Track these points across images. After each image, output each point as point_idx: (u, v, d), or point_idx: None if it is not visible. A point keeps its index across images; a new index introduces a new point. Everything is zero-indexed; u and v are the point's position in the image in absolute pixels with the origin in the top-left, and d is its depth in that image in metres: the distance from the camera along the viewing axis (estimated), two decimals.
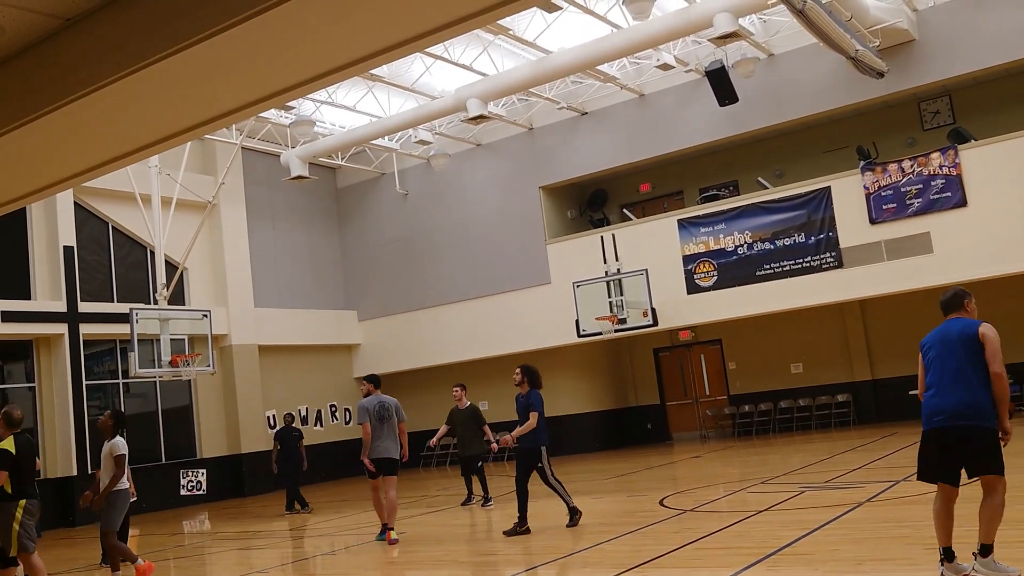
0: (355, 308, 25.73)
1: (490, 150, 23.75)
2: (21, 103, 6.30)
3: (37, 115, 6.22)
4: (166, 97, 6.16)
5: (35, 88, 6.20)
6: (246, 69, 5.77)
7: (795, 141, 21.55)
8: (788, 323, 21.62)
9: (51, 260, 19.29)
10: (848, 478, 11.65)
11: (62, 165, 7.79)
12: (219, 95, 6.25)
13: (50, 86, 6.04)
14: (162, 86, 5.81)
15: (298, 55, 5.58)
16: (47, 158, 7.56)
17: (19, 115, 6.34)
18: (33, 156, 7.39)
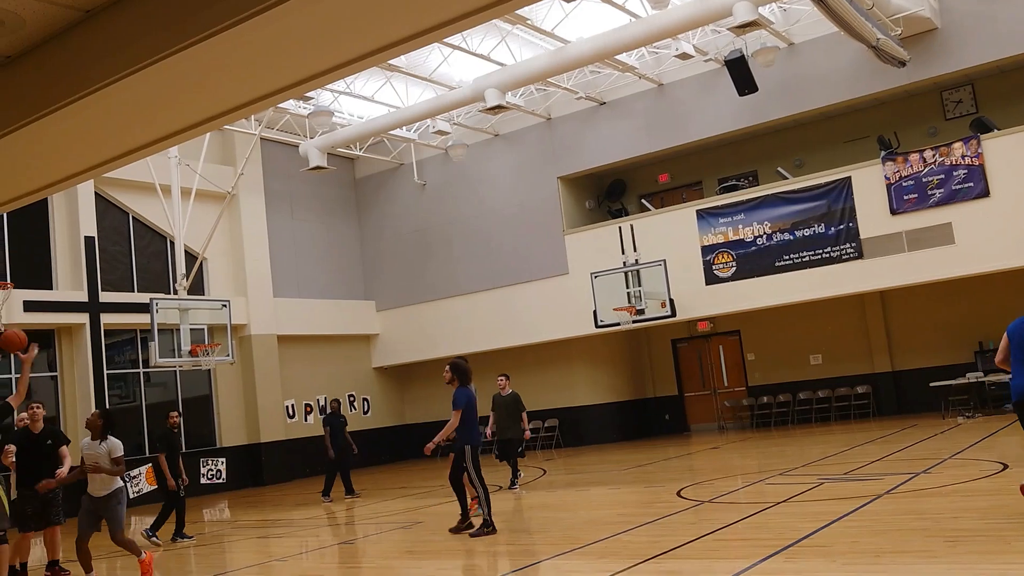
0: (373, 298, 25.80)
1: (508, 140, 23.73)
2: (43, 94, 6.35)
3: (58, 106, 6.27)
4: (186, 88, 6.19)
5: (56, 79, 6.24)
6: (265, 60, 5.78)
7: (815, 131, 21.40)
8: (807, 314, 21.50)
9: (72, 250, 19.44)
10: (867, 470, 11.59)
11: (83, 156, 7.83)
12: (238, 86, 6.27)
13: (70, 77, 6.08)
14: (182, 77, 5.83)
15: (316, 46, 5.58)
16: (68, 149, 7.60)
17: (41, 106, 6.38)
18: (54, 147, 7.44)
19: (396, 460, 25.35)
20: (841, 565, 6.46)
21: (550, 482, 15.33)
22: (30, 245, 19.02)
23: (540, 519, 11.06)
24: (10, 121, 6.67)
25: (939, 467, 11.07)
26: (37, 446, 9.53)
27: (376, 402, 25.75)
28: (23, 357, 9.11)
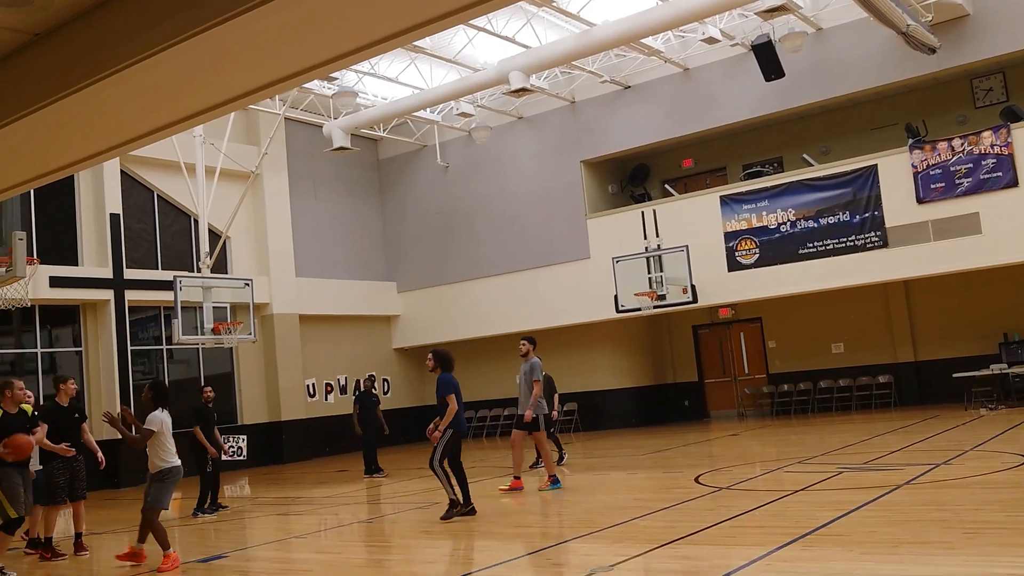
0: (395, 279, 25.88)
1: (531, 123, 23.66)
2: (69, 73, 6.38)
3: (85, 84, 6.30)
4: (210, 67, 6.20)
5: (83, 58, 6.27)
6: (289, 40, 5.78)
7: (842, 118, 21.20)
8: (830, 302, 21.37)
9: (98, 227, 19.61)
10: (887, 460, 11.54)
11: (109, 134, 7.87)
12: (262, 66, 6.28)
13: (97, 56, 6.10)
14: (207, 56, 5.84)
15: (341, 26, 5.58)
16: (94, 127, 7.64)
17: (68, 84, 6.42)
18: (81, 124, 7.48)
19: (415, 441, 25.47)
20: (859, 555, 6.44)
21: (568, 466, 15.35)
22: (56, 222, 19.20)
23: (557, 502, 11.08)
24: (38, 99, 6.71)
25: (960, 459, 11.00)
26: (67, 419, 9.82)
27: (396, 383, 25.87)
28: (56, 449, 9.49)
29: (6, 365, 18.54)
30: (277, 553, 9.19)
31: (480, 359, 25.17)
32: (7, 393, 8.80)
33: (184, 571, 8.62)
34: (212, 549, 9.71)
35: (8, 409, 8.71)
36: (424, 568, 7.75)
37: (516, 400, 12.52)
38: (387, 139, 25.23)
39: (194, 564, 8.88)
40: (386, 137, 24.87)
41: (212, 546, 9.97)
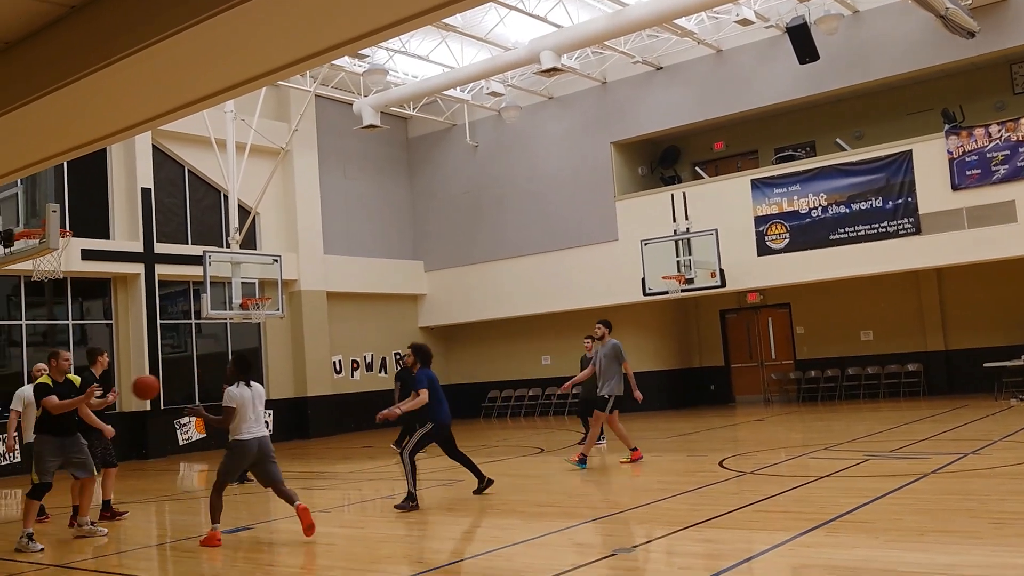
0: (422, 259, 25.92)
1: (562, 103, 23.54)
2: (103, 45, 6.41)
3: (118, 57, 6.33)
4: (242, 42, 6.20)
5: (116, 31, 6.30)
6: (321, 15, 5.77)
7: (877, 102, 20.91)
8: (860, 289, 21.16)
9: (129, 201, 19.78)
10: (914, 448, 11.43)
11: (140, 107, 7.91)
12: (293, 41, 6.27)
13: (131, 29, 6.12)
14: (239, 31, 5.85)
15: (373, 1, 5.55)
16: (126, 100, 7.68)
17: (101, 57, 6.45)
18: (113, 97, 7.52)
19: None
20: (883, 542, 6.39)
21: (593, 448, 15.34)
22: (89, 195, 19.38)
23: (581, 483, 11.10)
24: (72, 71, 6.75)
25: (988, 448, 10.88)
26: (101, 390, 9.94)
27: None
28: (99, 402, 9.56)
29: (38, 336, 18.80)
30: (300, 526, 9.26)
31: (505, 340, 25.22)
32: (53, 362, 9.08)
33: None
34: (237, 521, 9.81)
35: (55, 378, 8.94)
36: (446, 544, 7.79)
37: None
38: (417, 118, 25.20)
39: (220, 534, 8.97)
40: (416, 116, 24.85)
41: (237, 518, 10.07)
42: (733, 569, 5.93)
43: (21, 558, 8.35)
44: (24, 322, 18.32)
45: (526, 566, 6.48)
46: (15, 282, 18.04)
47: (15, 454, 16.94)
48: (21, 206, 10.72)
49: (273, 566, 7.49)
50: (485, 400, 25.34)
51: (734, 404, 23.24)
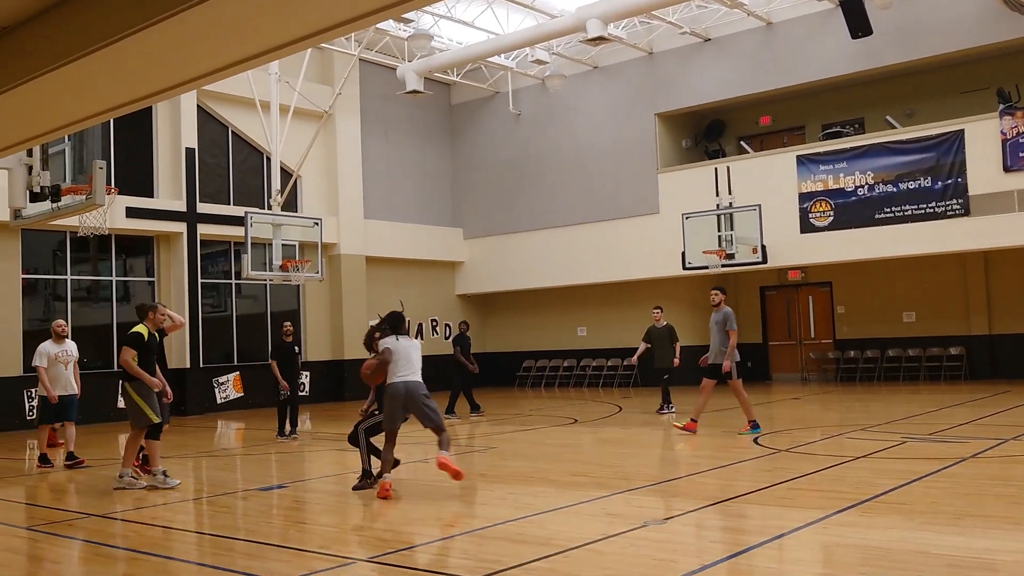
0: (461, 226, 25.93)
1: (607, 73, 23.31)
2: (149, 5, 6.42)
3: (165, 16, 6.34)
4: (287, 3, 6.18)
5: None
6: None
7: (929, 80, 20.45)
8: (904, 270, 20.83)
9: (174, 161, 19.96)
10: (954, 432, 11.27)
11: (185, 66, 7.93)
12: (339, 2, 6.24)
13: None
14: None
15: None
16: (172, 59, 7.71)
17: (146, 16, 6.47)
18: (159, 57, 7.55)
19: (474, 386, 25.69)
20: (919, 524, 6.32)
21: (625, 419, 15.35)
22: (134, 154, 19.59)
23: (614, 454, 11.09)
24: (116, 30, 6.79)
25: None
26: (160, 347, 10.24)
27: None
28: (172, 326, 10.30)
29: (82, 291, 19.10)
30: (334, 487, 9.38)
31: (541, 310, 25.21)
32: (150, 315, 9.60)
33: (244, 497, 8.86)
34: (272, 479, 9.94)
35: (151, 329, 9.47)
36: (477, 509, 7.83)
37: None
38: (460, 84, 25.11)
39: (255, 491, 9.11)
40: (459, 82, 24.75)
41: (272, 476, 10.22)
42: (764, 545, 5.90)
43: (76, 508, 8.54)
44: (69, 277, 18.63)
45: (556, 533, 6.49)
46: (61, 237, 18.32)
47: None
48: (68, 162, 10.85)
49: (305, 523, 7.59)
50: (520, 369, 25.40)
51: (770, 382, 23.06)
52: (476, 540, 6.42)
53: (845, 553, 5.62)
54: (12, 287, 17.58)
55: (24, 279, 17.91)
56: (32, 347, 17.41)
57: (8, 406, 17.03)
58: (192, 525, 7.70)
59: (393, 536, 6.71)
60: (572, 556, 5.80)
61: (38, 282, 18.45)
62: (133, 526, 7.57)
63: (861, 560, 5.37)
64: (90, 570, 6.16)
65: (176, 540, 6.96)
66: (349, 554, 6.13)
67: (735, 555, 5.67)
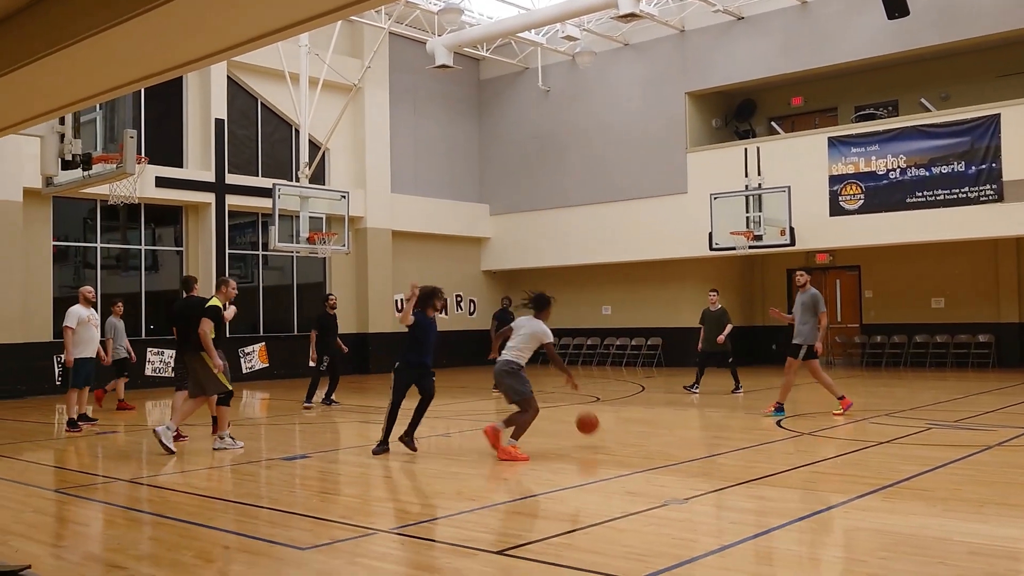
0: (487, 202, 25.91)
1: (638, 51, 23.12)
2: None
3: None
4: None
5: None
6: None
7: (966, 63, 20.11)
8: (934, 255, 20.60)
9: (203, 131, 20.06)
10: (980, 420, 11.18)
11: (216, 37, 7.96)
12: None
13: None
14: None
15: None
16: (201, 29, 7.74)
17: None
18: (188, 26, 7.58)
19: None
20: (941, 511, 6.28)
21: (648, 399, 15.35)
22: (164, 124, 19.71)
23: (636, 433, 11.10)
24: (147, 1, 6.83)
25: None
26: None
27: (482, 305, 26.08)
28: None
29: (112, 259, 19.31)
30: (357, 458, 9.45)
31: (567, 288, 25.14)
32: (223, 288, 10.06)
33: (269, 467, 8.95)
34: (296, 449, 10.04)
35: (223, 302, 9.90)
36: (498, 484, 7.87)
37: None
38: (489, 59, 25.01)
39: (278, 461, 9.21)
40: (488, 57, 24.65)
41: (296, 446, 10.32)
42: (784, 527, 5.89)
43: (103, 472, 8.67)
44: (99, 245, 18.81)
45: (577, 510, 6.52)
46: (92, 205, 18.50)
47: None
48: (100, 131, 10.92)
49: (328, 494, 7.66)
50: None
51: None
52: (497, 514, 6.45)
53: (866, 538, 5.60)
54: (43, 254, 17.79)
55: (55, 246, 18.12)
56: (62, 314, 17.69)
57: (40, 371, 17.28)
58: (217, 492, 7.79)
59: (415, 508, 6.76)
60: (592, 533, 5.82)
61: (68, 249, 18.66)
62: (159, 491, 7.68)
63: (882, 545, 5.35)
64: (116, 533, 6.26)
65: (201, 506, 7.06)
66: (371, 524, 6.19)
67: (755, 536, 5.67)
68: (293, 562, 5.27)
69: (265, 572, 5.03)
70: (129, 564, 5.23)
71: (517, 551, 5.31)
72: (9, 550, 5.54)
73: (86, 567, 5.25)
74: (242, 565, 5.19)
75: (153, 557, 5.46)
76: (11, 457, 9.64)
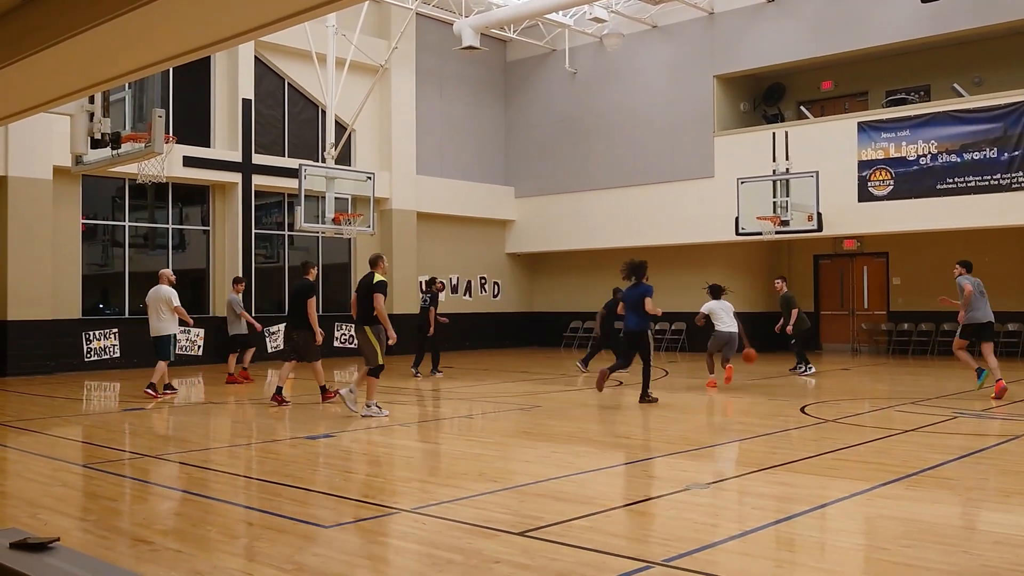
0: (513, 184, 25.87)
1: (666, 33, 22.93)
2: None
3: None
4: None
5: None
6: None
7: (1001, 47, 19.79)
8: (964, 243, 20.33)
9: (230, 111, 20.14)
10: (1007, 410, 11.07)
11: (243, 17, 7.99)
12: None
13: None
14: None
15: None
16: (230, 9, 7.76)
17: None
18: (216, 6, 7.61)
19: (521, 345, 25.83)
20: (965, 500, 6.24)
21: (671, 384, 15.32)
22: (192, 104, 19.80)
23: (658, 417, 11.09)
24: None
25: None
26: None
27: (506, 287, 26.10)
28: None
29: (139, 238, 19.47)
30: (381, 438, 9.51)
31: (591, 271, 25.11)
32: (381, 264, 11.26)
33: (293, 446, 9.03)
34: (320, 428, 10.11)
35: (381, 277, 11.07)
36: (520, 466, 7.89)
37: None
38: (516, 41, 24.91)
39: (303, 440, 9.29)
40: (515, 39, 24.55)
41: (319, 425, 10.39)
42: (806, 514, 5.87)
43: (131, 448, 8.78)
44: (127, 223, 18.98)
45: (598, 493, 6.53)
46: (120, 184, 18.65)
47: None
48: (128, 110, 10.99)
49: (351, 473, 7.72)
50: (567, 330, 25.42)
51: (820, 351, 22.79)
52: (518, 496, 6.48)
53: (889, 525, 5.57)
54: (72, 232, 17.97)
55: (84, 224, 18.29)
56: (91, 291, 17.89)
57: (69, 347, 17.50)
58: (240, 470, 7.87)
59: (436, 488, 6.80)
60: (613, 516, 5.83)
61: (97, 227, 18.84)
62: (185, 468, 7.76)
63: (904, 533, 5.32)
64: (141, 508, 6.34)
65: (225, 483, 7.13)
66: (393, 504, 6.23)
67: (777, 522, 5.65)
68: (316, 540, 5.32)
69: (288, 549, 5.08)
70: (155, 538, 5.30)
71: (538, 532, 5.33)
72: (39, 523, 5.63)
73: (113, 540, 5.33)
74: (265, 542, 5.25)
75: (178, 532, 5.53)
76: (40, 432, 9.79)
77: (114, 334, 18.21)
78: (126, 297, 18.73)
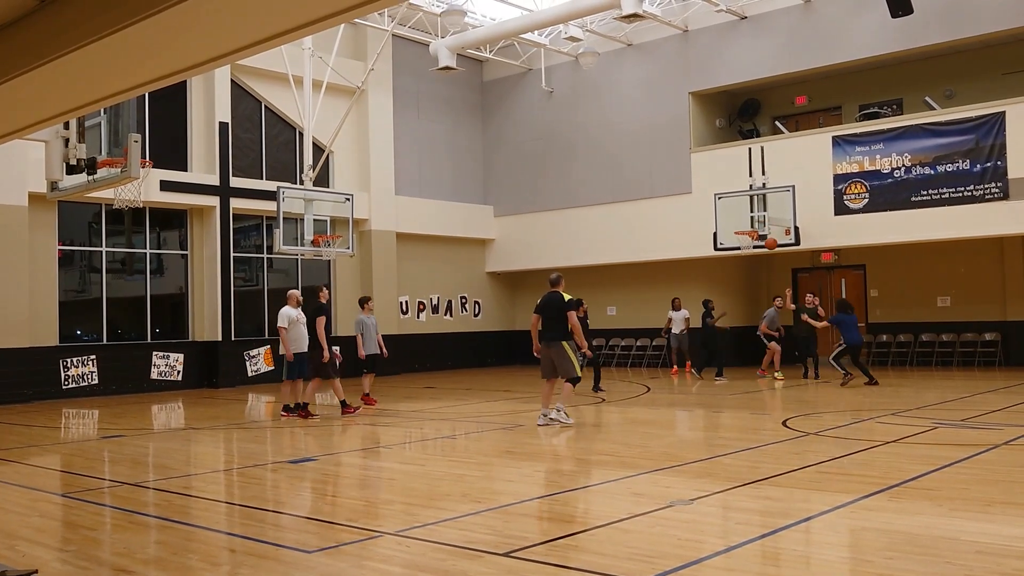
0: (492, 203, 25.91)
1: (641, 51, 23.11)
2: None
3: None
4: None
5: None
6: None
7: (971, 60, 20.08)
8: (940, 254, 20.56)
9: (207, 135, 20.09)
10: (986, 419, 11.15)
11: (220, 41, 7.98)
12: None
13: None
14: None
15: None
16: (206, 33, 7.76)
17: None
18: (193, 30, 7.61)
19: (502, 363, 25.79)
20: (947, 510, 6.27)
21: (653, 400, 15.34)
22: (168, 127, 19.74)
23: (640, 434, 11.09)
24: (152, 4, 6.85)
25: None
26: None
27: (487, 306, 26.09)
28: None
29: (117, 263, 19.34)
30: (363, 460, 9.46)
31: (571, 288, 24.90)
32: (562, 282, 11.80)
33: (274, 470, 8.96)
34: (302, 452, 10.05)
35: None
36: (503, 486, 7.87)
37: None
38: (492, 61, 25.02)
39: (285, 464, 9.22)
40: (492, 59, 24.67)
41: (303, 449, 10.33)
42: (790, 528, 5.88)
43: (111, 476, 8.68)
44: (104, 249, 18.86)
45: (582, 512, 6.51)
46: (96, 209, 18.54)
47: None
48: (104, 135, 10.94)
49: (336, 497, 7.67)
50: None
51: (801, 365, 22.86)
52: (502, 516, 6.46)
53: (872, 537, 5.59)
54: (49, 258, 17.83)
55: (60, 250, 18.16)
56: (68, 318, 17.76)
57: (46, 375, 17.32)
58: (222, 495, 7.80)
59: (420, 510, 6.76)
60: (597, 534, 5.82)
61: (74, 253, 18.70)
62: (165, 495, 7.69)
63: (888, 545, 5.34)
64: (122, 537, 6.27)
65: (206, 510, 7.06)
66: (377, 527, 6.19)
67: (761, 537, 5.66)
68: (299, 565, 5.27)
69: (271, 575, 5.03)
70: (136, 568, 5.24)
71: (522, 553, 5.30)
72: (16, 555, 5.55)
73: (93, 571, 5.26)
74: (248, 568, 5.20)
75: (159, 561, 5.47)
76: (17, 462, 9.67)
77: (92, 361, 18.06)
78: (103, 323, 18.58)
